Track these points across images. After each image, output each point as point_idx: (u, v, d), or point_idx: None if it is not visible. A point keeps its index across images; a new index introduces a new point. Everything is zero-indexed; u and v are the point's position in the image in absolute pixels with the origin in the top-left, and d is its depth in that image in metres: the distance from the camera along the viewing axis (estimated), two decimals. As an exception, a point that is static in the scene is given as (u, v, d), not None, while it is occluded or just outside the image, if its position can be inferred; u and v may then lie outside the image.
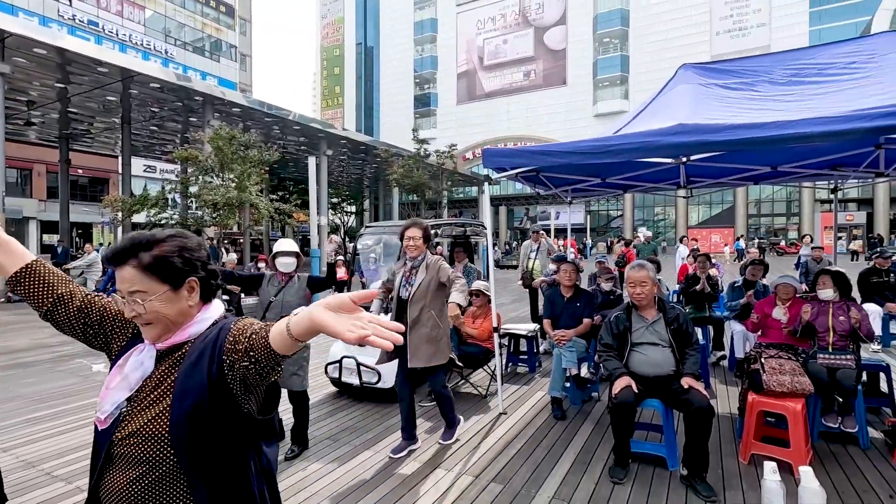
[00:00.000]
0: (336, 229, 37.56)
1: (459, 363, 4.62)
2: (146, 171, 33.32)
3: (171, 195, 13.18)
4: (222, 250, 13.41)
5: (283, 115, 19.72)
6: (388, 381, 4.44)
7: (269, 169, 17.57)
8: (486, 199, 4.68)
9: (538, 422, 4.07)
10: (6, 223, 11.91)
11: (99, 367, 5.91)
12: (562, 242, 14.80)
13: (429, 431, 3.90)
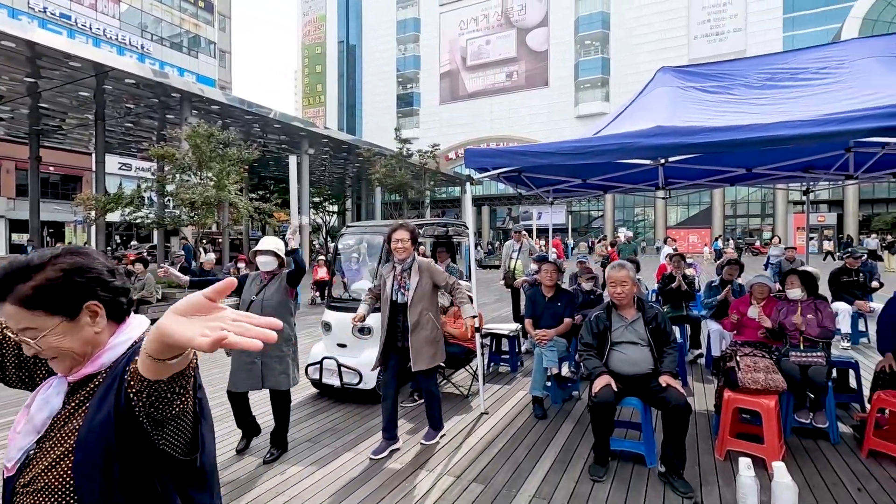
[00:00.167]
0: (318, 229, 37.23)
1: (442, 363, 4.61)
2: (121, 168, 32.53)
3: (147, 194, 12.86)
4: (200, 250, 13.16)
5: (264, 114, 19.45)
6: (369, 382, 4.42)
7: (249, 167, 17.32)
8: (468, 200, 4.68)
9: (519, 421, 4.08)
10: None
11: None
12: (543, 242, 14.90)
13: (410, 432, 3.89)
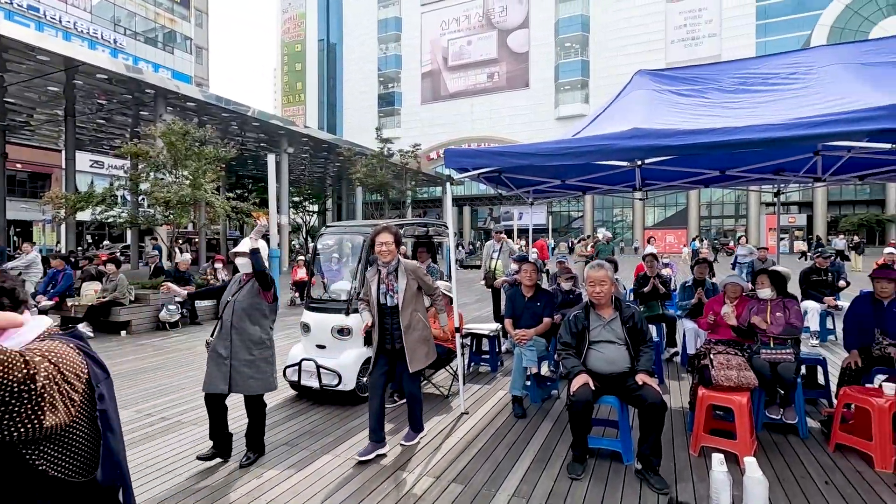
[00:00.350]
0: (298, 229, 36.78)
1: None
2: (93, 166, 31.65)
3: (119, 192, 12.49)
4: (176, 250, 12.86)
5: (242, 111, 19.12)
6: (348, 383, 4.38)
7: (227, 166, 16.99)
8: (449, 200, 4.67)
9: (499, 421, 4.10)
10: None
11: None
12: (523, 243, 15.00)
13: (390, 433, 3.86)
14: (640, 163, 4.78)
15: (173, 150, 11.07)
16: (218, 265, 9.98)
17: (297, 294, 11.11)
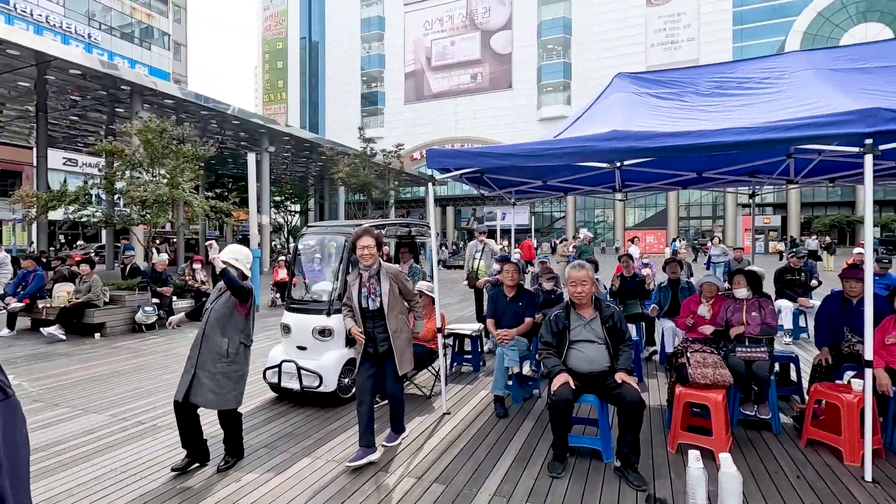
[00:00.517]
0: (279, 228, 36.35)
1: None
2: (66, 164, 30.81)
3: (94, 191, 12.16)
4: (153, 251, 12.58)
5: (222, 109, 18.82)
6: (329, 385, 4.34)
7: (206, 165, 16.68)
8: (431, 200, 4.67)
9: (481, 421, 4.11)
10: None
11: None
12: (506, 243, 15.07)
13: (372, 435, 3.84)
14: (619, 164, 4.85)
15: (150, 148, 10.85)
16: (196, 266, 9.80)
17: (277, 295, 10.98)
